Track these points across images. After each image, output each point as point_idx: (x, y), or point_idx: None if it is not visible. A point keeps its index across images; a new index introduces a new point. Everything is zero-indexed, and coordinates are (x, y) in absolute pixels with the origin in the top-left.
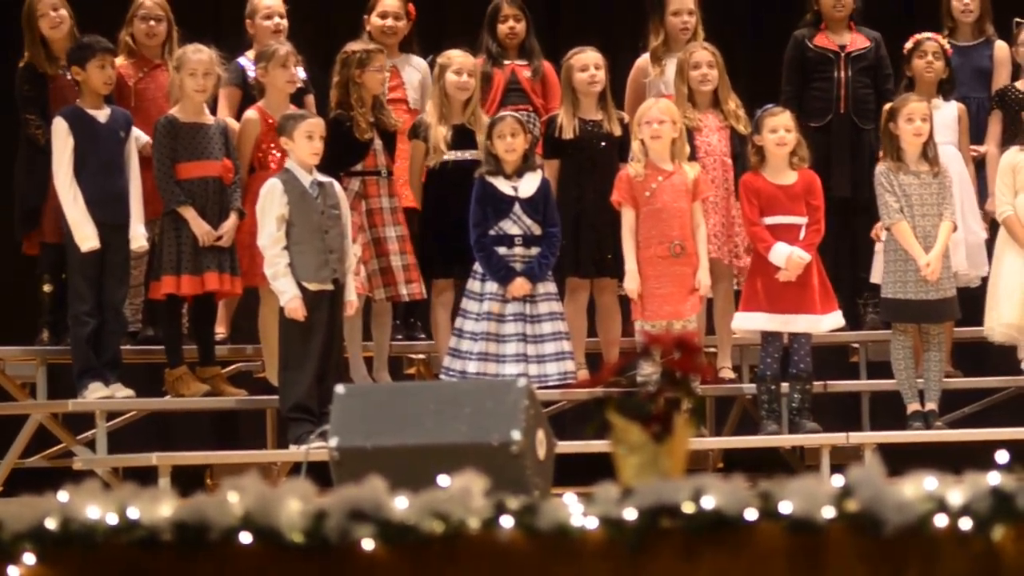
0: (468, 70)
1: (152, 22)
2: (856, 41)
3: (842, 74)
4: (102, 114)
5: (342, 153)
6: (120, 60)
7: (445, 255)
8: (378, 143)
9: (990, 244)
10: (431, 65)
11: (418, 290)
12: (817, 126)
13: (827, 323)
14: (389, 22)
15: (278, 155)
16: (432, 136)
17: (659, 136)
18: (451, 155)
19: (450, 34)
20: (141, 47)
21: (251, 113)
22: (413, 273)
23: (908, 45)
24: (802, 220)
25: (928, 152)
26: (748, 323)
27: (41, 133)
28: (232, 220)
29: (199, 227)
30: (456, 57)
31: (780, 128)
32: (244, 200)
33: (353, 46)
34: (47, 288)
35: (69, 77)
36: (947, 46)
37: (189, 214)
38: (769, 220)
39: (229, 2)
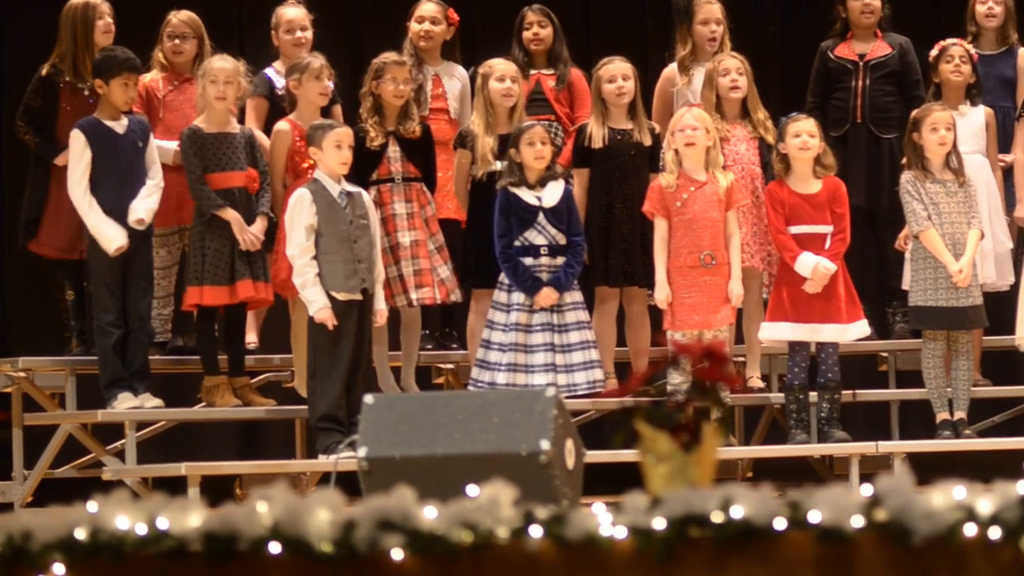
0: (511, 76)
1: (177, 40)
2: (877, 49)
3: (859, 83)
4: (120, 125)
5: (357, 163)
6: (153, 74)
7: (488, 265)
8: (393, 151)
9: (1016, 252)
10: (472, 76)
11: (430, 295)
12: (836, 136)
13: (853, 332)
14: (426, 26)
15: (312, 166)
16: (479, 146)
17: (693, 143)
18: (498, 165)
19: (480, 45)
20: (171, 63)
21: (283, 125)
22: (426, 278)
23: (934, 52)
24: (827, 229)
25: (951, 162)
26: (775, 333)
27: (29, 138)
28: (261, 223)
29: (241, 229)
30: (498, 65)
31: (803, 133)
32: (280, 211)
33: (378, 58)
34: (69, 297)
35: (87, 90)
36: (973, 51)
37: (230, 215)
38: (794, 230)
39: (251, 18)
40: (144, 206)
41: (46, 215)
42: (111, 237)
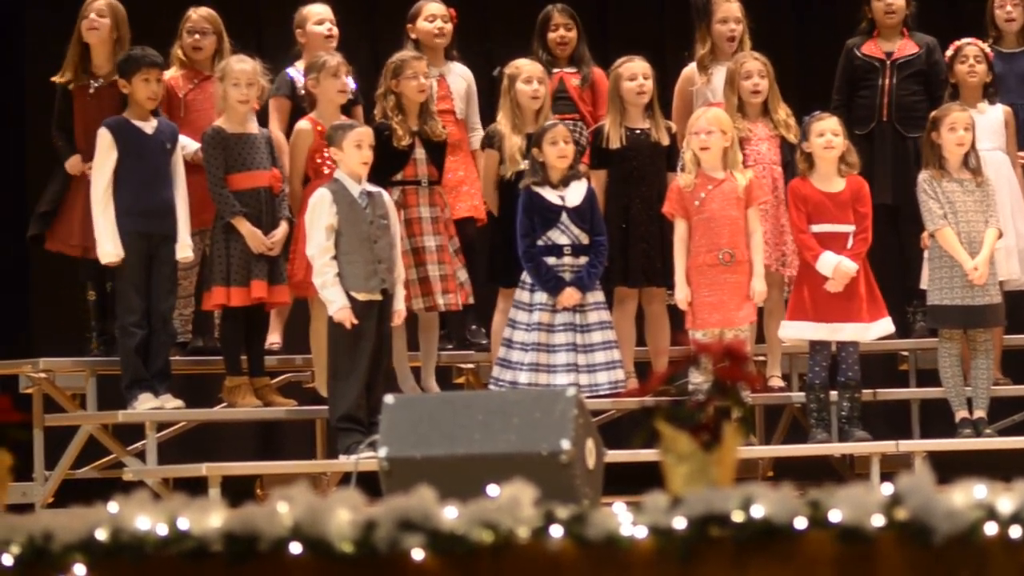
0: (538, 78)
1: (197, 35)
2: (904, 48)
3: (886, 82)
4: (148, 126)
5: (380, 162)
6: (172, 71)
7: (518, 264)
8: (420, 153)
9: None
10: (499, 76)
11: (455, 301)
12: (861, 134)
13: (875, 331)
14: (438, 24)
15: (332, 165)
16: (507, 147)
17: (707, 147)
18: (525, 165)
19: (493, 42)
20: (190, 60)
21: (304, 124)
22: (451, 283)
23: (949, 52)
24: (849, 228)
25: (970, 162)
26: (795, 332)
27: (61, 146)
28: (283, 229)
29: (254, 238)
30: (525, 66)
31: (827, 132)
32: (299, 210)
33: (395, 56)
34: (91, 297)
35: (92, 90)
36: (988, 50)
37: (244, 227)
38: (816, 228)
39: (269, 16)
40: (189, 240)
41: (61, 213)
42: (108, 251)
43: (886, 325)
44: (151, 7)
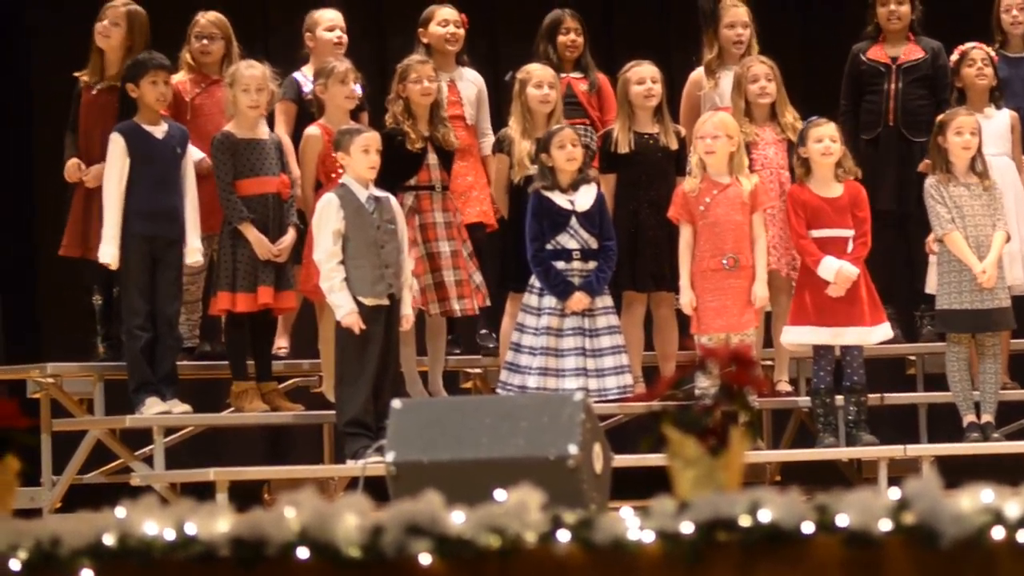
0: (549, 82)
1: (205, 40)
2: (910, 52)
3: (892, 86)
4: (159, 130)
5: (394, 167)
6: (180, 75)
7: (527, 269)
8: (432, 158)
9: None
10: (511, 81)
11: (470, 306)
12: (868, 139)
13: (877, 335)
14: (451, 29)
15: (342, 170)
16: (516, 151)
17: (713, 151)
18: (534, 169)
19: (498, 45)
20: (198, 64)
21: (313, 130)
22: (466, 288)
23: (954, 57)
24: (849, 233)
25: (976, 166)
26: (797, 337)
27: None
28: (291, 236)
29: (260, 245)
30: (536, 71)
31: (825, 138)
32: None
33: (405, 60)
34: (97, 301)
35: (95, 91)
36: (993, 54)
37: (251, 233)
38: (816, 233)
39: (277, 20)
40: (198, 244)
41: (69, 216)
42: (110, 251)
43: (886, 330)
44: (159, 11)
